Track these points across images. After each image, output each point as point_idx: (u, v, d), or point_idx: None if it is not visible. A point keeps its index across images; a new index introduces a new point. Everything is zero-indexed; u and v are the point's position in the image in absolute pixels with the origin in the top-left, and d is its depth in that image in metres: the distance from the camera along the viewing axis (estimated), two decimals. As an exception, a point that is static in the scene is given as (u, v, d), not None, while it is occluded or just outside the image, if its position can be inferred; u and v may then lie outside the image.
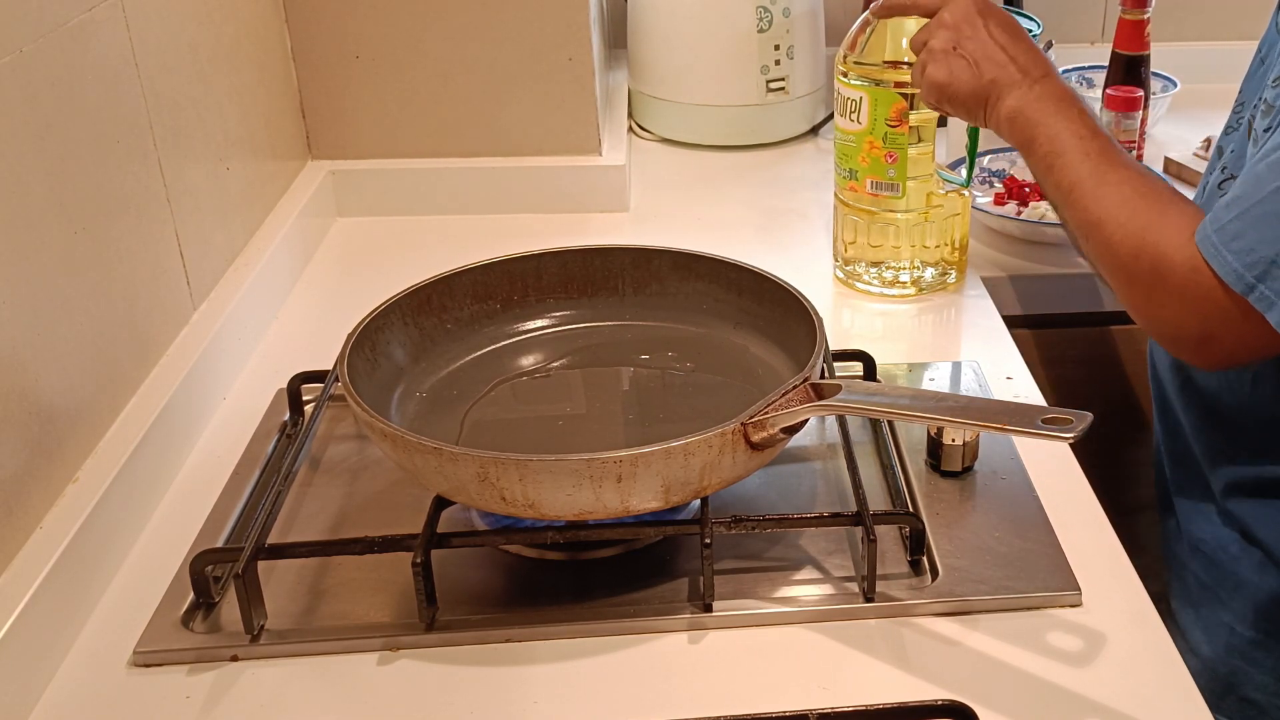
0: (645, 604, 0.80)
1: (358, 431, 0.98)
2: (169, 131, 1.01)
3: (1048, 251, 1.28)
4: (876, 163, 1.12)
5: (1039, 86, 0.94)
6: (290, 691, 0.75)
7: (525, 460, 0.74)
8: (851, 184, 1.15)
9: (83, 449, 0.86)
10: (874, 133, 1.11)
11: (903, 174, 1.12)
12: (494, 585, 0.83)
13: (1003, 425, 0.73)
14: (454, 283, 0.98)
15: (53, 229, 0.84)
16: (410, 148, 1.39)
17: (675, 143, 1.58)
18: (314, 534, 0.88)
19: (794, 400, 0.79)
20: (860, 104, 1.11)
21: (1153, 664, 0.75)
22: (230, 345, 1.07)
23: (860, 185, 1.14)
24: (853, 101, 1.12)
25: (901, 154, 1.11)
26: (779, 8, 1.48)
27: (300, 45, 1.33)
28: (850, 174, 1.15)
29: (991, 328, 1.13)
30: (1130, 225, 0.86)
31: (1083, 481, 0.91)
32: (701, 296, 0.99)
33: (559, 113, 1.37)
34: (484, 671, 0.76)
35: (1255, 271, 0.78)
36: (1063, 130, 0.91)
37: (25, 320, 0.80)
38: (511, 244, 1.03)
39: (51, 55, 0.84)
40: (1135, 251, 0.85)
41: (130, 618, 0.80)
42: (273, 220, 1.24)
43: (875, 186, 1.13)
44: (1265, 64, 0.95)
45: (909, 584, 0.81)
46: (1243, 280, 0.78)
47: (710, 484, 0.78)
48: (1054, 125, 0.92)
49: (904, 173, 1.12)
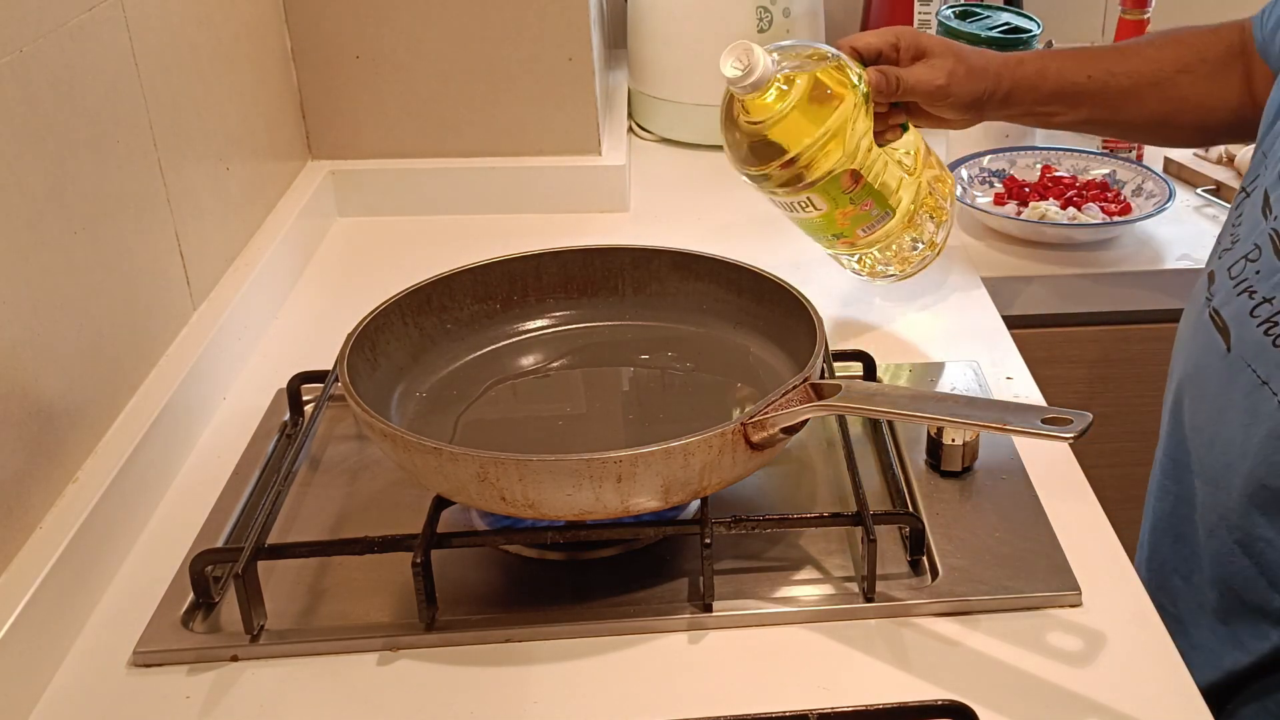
0: (645, 604, 0.80)
1: (358, 431, 0.98)
2: (169, 131, 1.01)
3: (1048, 251, 1.28)
4: (858, 218, 1.02)
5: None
6: (290, 691, 0.75)
7: (525, 460, 0.74)
8: (844, 241, 1.06)
9: (83, 449, 0.86)
10: (839, 206, 1.01)
11: (885, 201, 1.02)
12: (494, 585, 0.83)
13: (1003, 425, 0.73)
14: (454, 283, 0.97)
15: (53, 229, 0.84)
16: (410, 148, 1.39)
17: (675, 143, 1.58)
18: (314, 534, 0.88)
19: (794, 400, 0.79)
20: (810, 202, 1.00)
21: (1153, 664, 0.75)
22: (230, 345, 1.07)
23: (854, 238, 1.05)
24: (798, 203, 1.01)
25: (874, 194, 1.01)
26: (779, 8, 1.48)
27: (300, 45, 1.33)
28: (838, 238, 1.06)
29: (991, 328, 1.13)
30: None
31: (1083, 481, 0.91)
32: (701, 296, 0.99)
33: (559, 113, 1.37)
34: (484, 671, 0.76)
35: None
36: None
37: (25, 320, 0.80)
38: (511, 244, 1.03)
39: (51, 55, 0.84)
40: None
41: (130, 618, 0.80)
42: (273, 220, 1.24)
43: (868, 230, 1.04)
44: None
45: (909, 584, 0.81)
46: None
47: (710, 484, 0.78)
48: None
49: (886, 198, 1.02)
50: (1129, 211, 1.32)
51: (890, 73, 0.99)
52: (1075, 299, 1.26)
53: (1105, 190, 1.35)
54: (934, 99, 1.01)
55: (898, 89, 0.99)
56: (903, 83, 0.99)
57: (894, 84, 0.99)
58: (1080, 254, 1.27)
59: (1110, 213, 1.31)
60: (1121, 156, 1.43)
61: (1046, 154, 1.42)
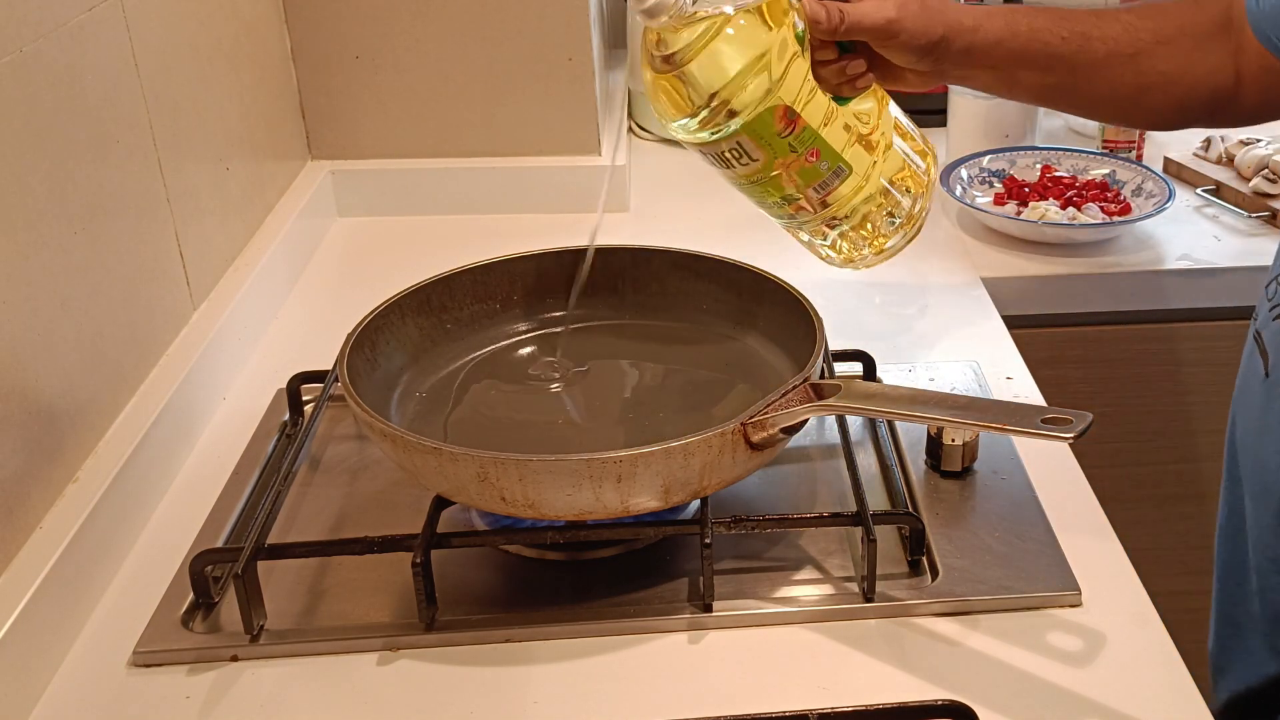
0: (645, 604, 0.80)
1: (358, 431, 0.98)
2: (169, 131, 1.01)
3: (1048, 251, 1.28)
4: (805, 173, 0.91)
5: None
6: (290, 691, 0.75)
7: (525, 460, 0.74)
8: (797, 207, 0.94)
9: (83, 449, 0.86)
10: (777, 154, 0.89)
11: (834, 153, 0.90)
12: (494, 585, 0.83)
13: (1003, 425, 0.73)
14: (454, 283, 0.98)
15: (52, 229, 0.84)
16: (410, 148, 1.39)
17: (675, 143, 1.57)
18: (314, 534, 0.88)
19: (794, 400, 0.79)
20: (741, 148, 0.89)
21: (1153, 664, 0.75)
22: (230, 345, 1.07)
23: (807, 201, 0.93)
24: (728, 153, 0.90)
25: (820, 143, 0.90)
26: (779, 8, 1.48)
27: (300, 45, 1.33)
28: (788, 201, 0.94)
29: (991, 328, 1.13)
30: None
31: (1083, 481, 0.91)
32: (701, 296, 0.99)
33: (559, 113, 1.37)
34: (484, 671, 0.76)
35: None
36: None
37: (25, 320, 0.80)
38: (511, 244, 1.03)
39: (51, 55, 0.84)
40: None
41: (130, 618, 0.80)
42: (273, 220, 1.24)
43: (821, 190, 0.92)
44: None
45: (909, 584, 0.81)
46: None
47: (710, 484, 0.78)
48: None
49: (836, 150, 0.90)
50: (1129, 211, 1.32)
51: (832, 5, 0.88)
52: (1075, 299, 1.26)
53: (1105, 190, 1.35)
54: (882, 36, 0.89)
55: (841, 23, 0.88)
56: (846, 16, 0.88)
57: (836, 17, 0.88)
58: (1080, 254, 1.27)
59: (1110, 213, 1.31)
60: (1121, 156, 1.43)
61: (1046, 154, 1.42)
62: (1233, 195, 1.36)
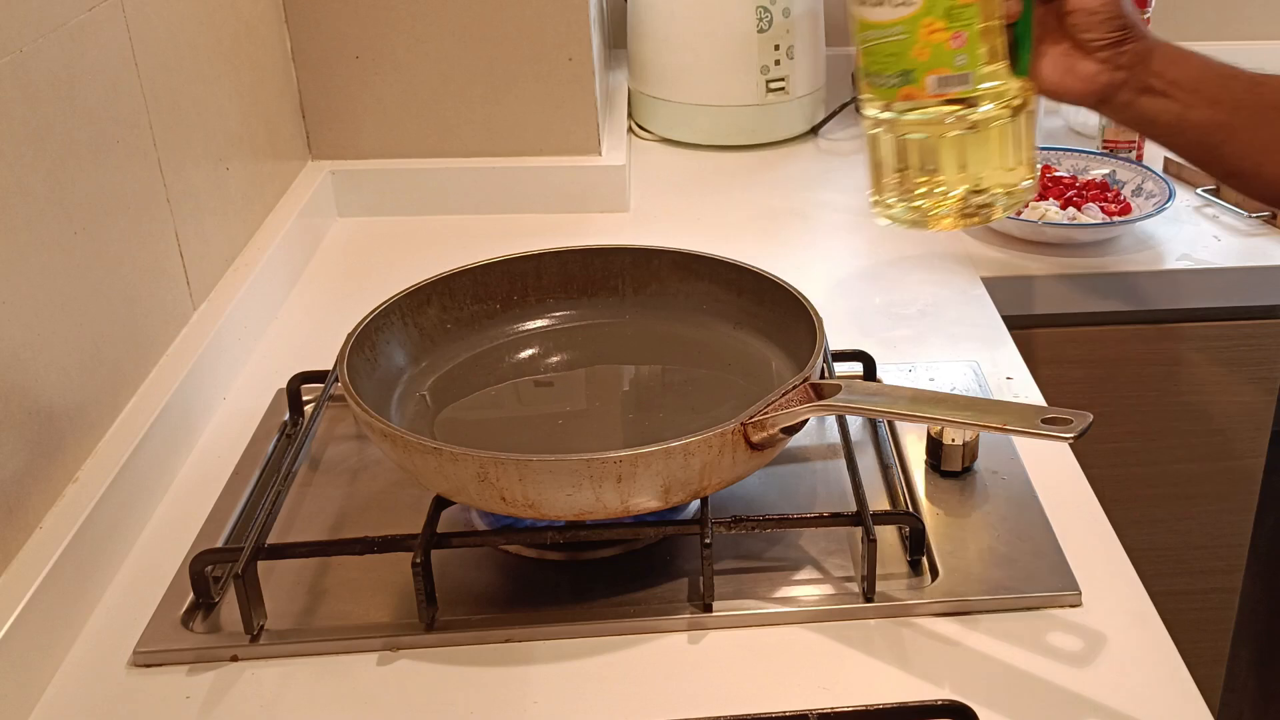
0: (645, 604, 0.80)
1: (358, 431, 0.98)
2: (169, 132, 1.01)
3: (1048, 251, 1.28)
4: (939, 52, 0.84)
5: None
6: (290, 691, 0.75)
7: (525, 460, 0.74)
8: (908, 89, 0.85)
9: (83, 449, 0.86)
10: (932, 11, 0.83)
11: (975, 54, 0.84)
12: (494, 585, 0.83)
13: (1003, 425, 0.73)
14: (454, 283, 0.98)
15: (52, 229, 0.84)
16: (410, 148, 1.39)
17: (675, 143, 1.58)
18: (314, 534, 0.88)
19: (794, 400, 0.79)
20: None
21: (1153, 664, 0.75)
22: (230, 345, 1.07)
23: (920, 88, 0.85)
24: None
25: (970, 31, 0.83)
26: (779, 8, 1.48)
27: (300, 45, 1.33)
28: (903, 77, 0.85)
29: (991, 328, 1.13)
30: None
31: (1083, 481, 0.91)
32: (701, 296, 0.99)
33: (559, 113, 1.37)
34: (484, 671, 0.76)
35: None
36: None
37: (25, 320, 0.80)
38: (511, 244, 1.03)
39: (51, 55, 0.84)
40: None
41: (130, 618, 0.80)
42: (273, 220, 1.24)
43: (942, 84, 0.85)
44: None
45: (909, 584, 0.81)
46: None
47: (710, 484, 0.78)
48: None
49: (979, 52, 0.84)
50: (1129, 211, 1.32)
51: None
52: (1075, 299, 1.26)
53: (1105, 190, 1.35)
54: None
55: None
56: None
57: None
58: (1080, 254, 1.27)
59: (1110, 213, 1.31)
60: (1122, 156, 1.43)
61: (1046, 154, 1.42)
62: (1233, 195, 1.36)
